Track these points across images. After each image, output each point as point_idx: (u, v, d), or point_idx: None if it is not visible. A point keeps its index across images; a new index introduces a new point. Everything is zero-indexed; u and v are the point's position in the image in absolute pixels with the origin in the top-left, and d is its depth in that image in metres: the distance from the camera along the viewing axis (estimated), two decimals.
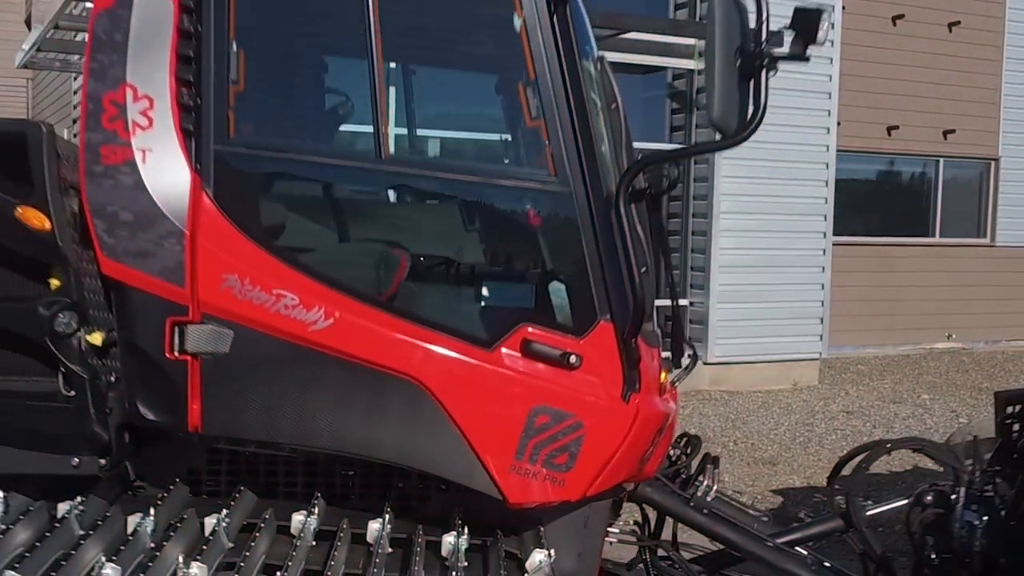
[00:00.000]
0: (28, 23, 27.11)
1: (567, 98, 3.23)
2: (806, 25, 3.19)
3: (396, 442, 3.33)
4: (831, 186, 12.99)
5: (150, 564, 3.09)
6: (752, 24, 3.24)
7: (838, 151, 14.09)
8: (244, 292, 3.22)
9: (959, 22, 16.81)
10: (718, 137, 3.32)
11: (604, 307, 3.28)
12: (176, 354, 3.24)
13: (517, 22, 3.27)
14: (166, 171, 3.22)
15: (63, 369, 3.32)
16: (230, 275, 3.22)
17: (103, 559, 3.08)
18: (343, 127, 3.99)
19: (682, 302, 12.28)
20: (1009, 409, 5.49)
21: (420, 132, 4.09)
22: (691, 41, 11.53)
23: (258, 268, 3.23)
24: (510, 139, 3.92)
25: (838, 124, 14.76)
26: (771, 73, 3.23)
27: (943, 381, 13.90)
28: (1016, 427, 5.36)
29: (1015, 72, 17.27)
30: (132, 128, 3.21)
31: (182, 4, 3.24)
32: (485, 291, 3.54)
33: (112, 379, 3.39)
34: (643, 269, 3.37)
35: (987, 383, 13.93)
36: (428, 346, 3.24)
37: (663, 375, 3.71)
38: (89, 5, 10.27)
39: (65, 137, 8.49)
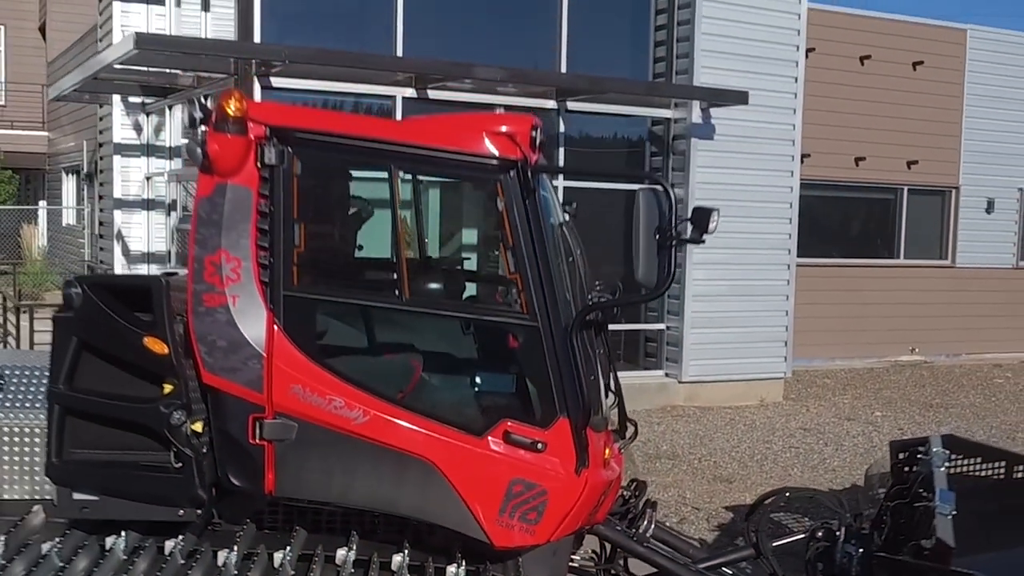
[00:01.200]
0: (43, 31, 28.20)
1: (535, 261, 4.48)
2: (702, 220, 4.43)
3: (413, 502, 4.61)
4: (794, 222, 14.22)
5: None
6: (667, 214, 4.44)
7: (804, 181, 15.37)
8: (305, 397, 4.49)
9: (922, 61, 18.03)
10: (643, 292, 4.56)
11: (562, 408, 4.55)
12: (256, 440, 4.52)
13: (500, 204, 4.53)
14: (249, 311, 4.48)
15: (174, 448, 4.59)
16: (295, 385, 4.49)
17: None
18: (373, 277, 5.26)
19: (659, 326, 13.59)
20: (900, 455, 6.81)
21: (430, 280, 5.34)
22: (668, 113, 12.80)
23: (315, 379, 4.50)
24: (497, 286, 5.17)
25: (807, 156, 16.08)
26: (679, 251, 4.45)
27: (899, 396, 15.18)
28: (906, 469, 6.68)
29: (974, 107, 18.48)
30: (225, 281, 4.48)
31: (259, 192, 4.50)
32: (477, 395, 4.82)
33: (206, 454, 4.66)
34: (591, 378, 4.64)
35: (938, 399, 15.24)
36: (436, 435, 4.51)
37: (607, 451, 4.96)
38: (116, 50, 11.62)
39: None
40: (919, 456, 6.47)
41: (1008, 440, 12.59)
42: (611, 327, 5.25)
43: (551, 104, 12.45)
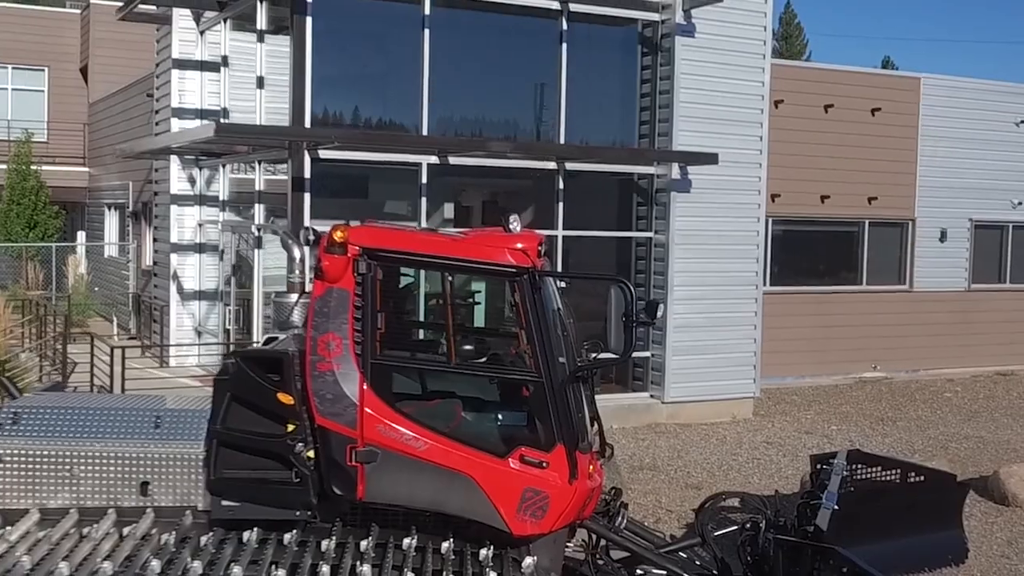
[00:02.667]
0: (84, 72, 30.29)
1: (541, 336, 6.57)
2: (652, 309, 6.53)
3: (457, 504, 6.68)
4: (761, 260, 16.30)
5: (340, 567, 6.44)
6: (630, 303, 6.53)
7: (776, 218, 17.49)
8: (385, 432, 6.57)
9: (880, 108, 20.12)
10: (614, 356, 6.66)
11: (559, 437, 6.61)
12: (352, 462, 6.60)
13: (517, 297, 6.63)
14: (348, 374, 6.57)
15: (295, 469, 6.68)
16: (379, 424, 6.58)
17: (322, 565, 6.43)
18: (429, 348, 7.35)
19: (645, 354, 15.64)
20: (817, 466, 8.94)
21: (468, 349, 7.39)
22: (651, 169, 14.90)
23: (391, 419, 6.58)
24: (516, 353, 7.24)
25: (777, 196, 18.23)
26: (639, 329, 6.53)
27: (856, 411, 17.26)
28: (823, 471, 8.78)
29: (927, 147, 20.57)
30: (332, 353, 6.56)
31: (355, 293, 6.59)
32: (500, 429, 6.92)
33: (316, 473, 6.73)
34: (579, 415, 6.74)
35: (891, 412, 17.33)
36: (473, 458, 6.59)
37: (591, 467, 7.04)
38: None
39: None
40: (824, 464, 8.60)
41: (940, 448, 14.70)
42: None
43: (552, 165, 14.57)
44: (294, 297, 8.01)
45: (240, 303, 15.77)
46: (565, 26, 14.56)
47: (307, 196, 12.95)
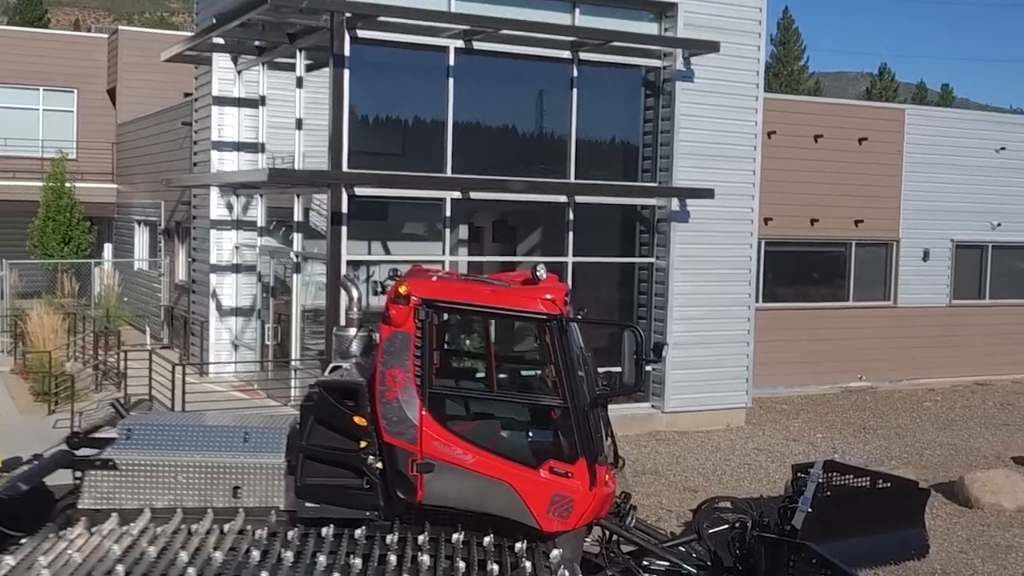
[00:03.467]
0: (111, 94, 31.86)
1: (567, 370, 8.12)
2: (658, 349, 8.11)
3: (498, 505, 8.22)
4: (753, 283, 17.85)
5: (403, 557, 8.00)
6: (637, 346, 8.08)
7: (768, 239, 19.05)
8: (441, 447, 8.12)
9: (867, 137, 21.70)
10: (627, 388, 8.22)
11: (581, 452, 8.16)
12: (413, 472, 8.15)
13: (547, 339, 8.19)
14: (410, 401, 8.11)
15: (366, 477, 8.23)
16: (435, 441, 8.13)
17: (389, 555, 7.98)
18: (475, 378, 8.91)
19: (647, 368, 17.16)
20: (798, 474, 10.52)
21: (506, 379, 8.94)
22: (653, 201, 16.47)
23: (446, 438, 8.13)
24: (547, 385, 8.78)
25: (769, 220, 19.77)
26: (645, 365, 8.07)
27: (840, 420, 18.82)
28: (802, 479, 10.36)
29: (911, 173, 22.15)
30: (397, 384, 8.12)
31: (415, 335, 8.14)
32: (533, 445, 8.48)
33: (383, 480, 8.28)
34: (597, 435, 8.30)
35: (872, 421, 18.89)
36: (512, 469, 8.14)
37: (607, 476, 8.59)
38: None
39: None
40: (802, 472, 10.18)
41: (916, 455, 16.26)
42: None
43: (563, 199, 16.13)
44: (352, 331, 9.54)
45: (278, 321, 17.32)
46: (575, 73, 16.13)
47: (344, 228, 14.50)
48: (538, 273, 8.56)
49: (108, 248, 29.82)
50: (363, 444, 8.28)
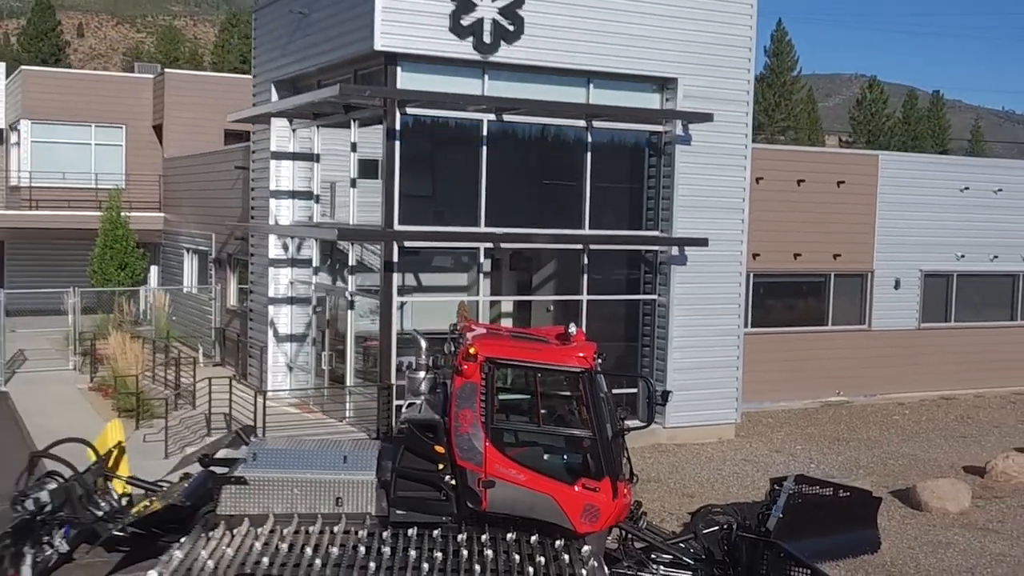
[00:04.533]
0: (156, 129, 34.38)
1: (596, 411, 10.68)
2: (665, 397, 10.69)
3: (543, 512, 10.77)
4: (741, 316, 20.40)
5: (472, 551, 10.57)
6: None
7: (756, 272, 21.58)
8: (500, 468, 10.66)
9: (844, 180, 24.22)
10: (642, 424, 10.80)
11: (607, 472, 10.73)
12: (479, 488, 10.72)
13: (579, 388, 10.75)
14: (476, 434, 10.63)
15: (443, 490, 10.79)
16: (496, 464, 10.67)
17: (462, 550, 10.55)
18: (524, 415, 11.46)
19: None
20: (774, 485, 13.08)
21: (549, 415, 11.47)
22: (656, 237, 19.06)
23: (503, 462, 10.68)
24: (579, 421, 11.31)
25: (757, 255, 22.28)
26: (662, 406, 10.65)
27: (818, 432, 21.37)
28: (777, 490, 12.90)
29: (884, 211, 24.65)
30: (466, 422, 10.67)
31: (480, 384, 10.69)
32: (568, 467, 11.03)
33: (456, 492, 10.83)
34: (619, 458, 10.87)
35: (847, 433, 21.42)
36: (555, 485, 10.71)
37: (625, 489, 11.14)
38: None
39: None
40: (777, 485, 12.74)
41: (880, 464, 18.80)
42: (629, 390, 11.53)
43: (579, 246, 18.68)
44: (422, 374, 12.10)
45: (333, 348, 19.87)
46: (589, 138, 18.69)
47: (395, 275, 17.07)
48: (570, 330, 11.14)
49: (155, 270, 32.37)
50: (441, 467, 10.84)
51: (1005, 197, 26.04)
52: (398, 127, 16.97)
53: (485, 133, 17.83)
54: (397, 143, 16.94)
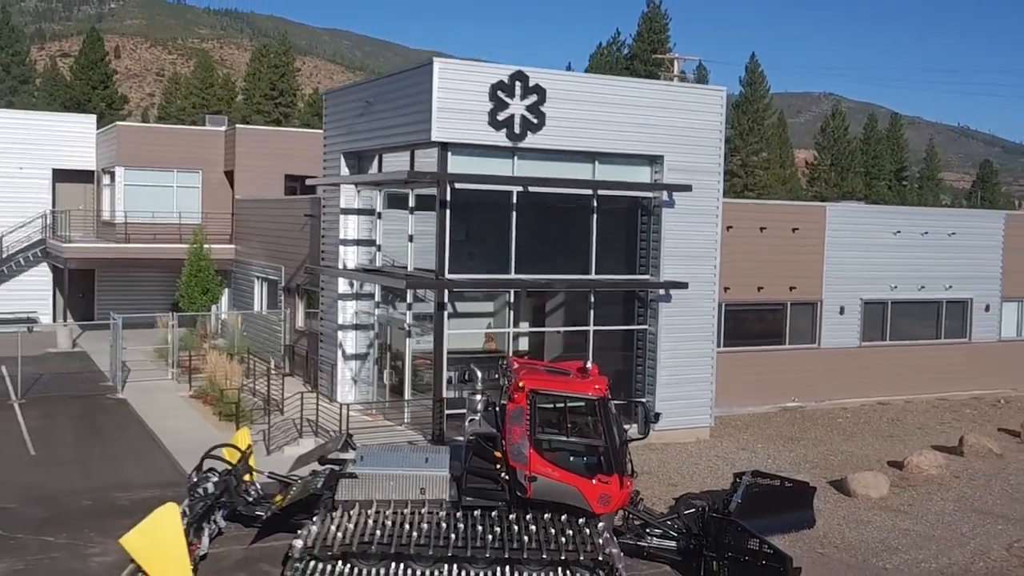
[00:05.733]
0: (228, 174, 37.45)
1: (608, 425, 13.83)
2: (657, 416, 13.92)
3: (570, 499, 13.93)
4: (714, 340, 23.50)
5: (518, 525, 13.75)
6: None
7: (727, 302, 24.70)
8: (540, 468, 13.81)
9: (798, 228, 27.38)
10: (640, 436, 14.02)
11: (616, 469, 13.89)
12: (526, 482, 13.89)
13: (596, 409, 13.93)
14: (524, 443, 13.83)
15: (500, 483, 13.96)
16: (537, 465, 13.85)
17: (514, 524, 13.72)
18: (555, 428, 14.60)
19: (644, 399, 22.84)
20: (735, 478, 16.28)
21: (574, 428, 14.60)
22: (647, 280, 22.22)
23: (542, 463, 13.83)
24: (596, 433, 14.43)
25: (728, 288, 25.40)
26: (654, 423, 13.85)
27: (776, 433, 24.50)
28: (738, 482, 16.09)
29: (830, 251, 27.73)
30: (516, 435, 13.84)
31: (526, 408, 13.85)
32: (588, 465, 14.16)
33: (509, 483, 13.99)
34: (624, 460, 14.05)
35: (799, 434, 24.55)
36: (578, 480, 13.87)
37: (629, 482, 14.31)
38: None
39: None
40: (738, 479, 15.92)
41: (823, 460, 21.90)
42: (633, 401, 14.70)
43: (587, 288, 21.83)
44: (478, 398, 15.29)
45: (393, 367, 23.00)
46: (595, 204, 21.83)
47: (445, 313, 20.21)
48: (587, 366, 14.34)
49: (227, 293, 35.48)
50: (498, 466, 14.02)
51: (930, 239, 29.20)
52: (448, 198, 20.10)
53: (515, 201, 20.96)
54: (448, 211, 20.08)
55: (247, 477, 16.19)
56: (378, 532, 13.63)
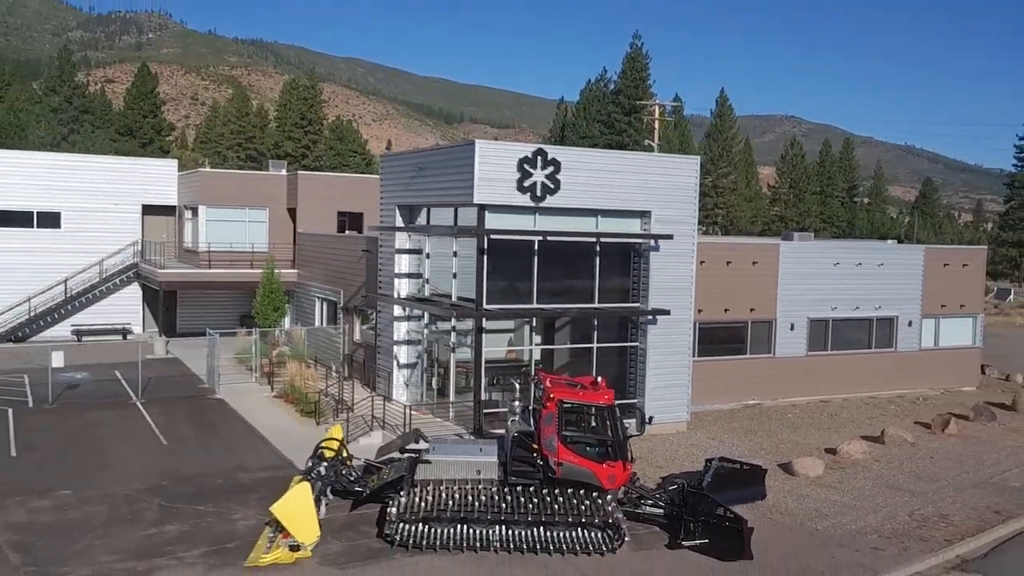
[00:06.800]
0: (290, 212, 40.73)
1: (614, 423, 17.23)
2: (649, 418, 17.35)
3: (586, 478, 17.33)
4: (690, 354, 26.89)
5: (549, 497, 17.17)
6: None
7: (700, 321, 28.14)
8: (565, 456, 17.25)
9: (757, 262, 30.77)
10: (636, 433, 17.47)
11: (620, 457, 17.31)
12: (555, 466, 17.29)
13: (605, 414, 17.35)
14: (553, 438, 17.23)
15: (535, 467, 17.36)
16: (563, 454, 17.26)
17: (546, 496, 17.14)
18: (577, 427, 17.98)
19: (635, 400, 26.22)
20: (706, 461, 19.72)
21: (591, 427, 17.96)
22: (638, 308, 25.64)
23: (567, 453, 17.24)
24: (605, 430, 17.80)
25: (701, 310, 28.80)
26: (647, 424, 17.29)
27: (739, 426, 27.88)
28: (708, 465, 19.52)
29: (783, 280, 31.01)
30: (548, 431, 17.24)
31: (556, 413, 17.26)
32: (599, 455, 17.55)
33: (543, 467, 17.38)
34: (626, 450, 17.46)
35: (756, 426, 27.93)
36: (593, 464, 17.27)
37: (629, 466, 17.70)
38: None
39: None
40: (709, 463, 19.35)
41: (775, 448, 25.27)
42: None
43: (592, 315, 25.22)
44: (517, 403, 18.72)
45: (439, 375, 26.34)
46: (598, 249, 25.23)
47: (483, 335, 23.59)
48: (598, 380, 17.78)
49: (290, 309, 38.77)
50: (535, 455, 17.42)
51: (863, 268, 32.57)
52: (485, 247, 23.48)
53: (536, 248, 24.35)
54: (485, 257, 23.46)
55: (347, 463, 19.54)
56: (448, 502, 17.03)
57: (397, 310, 27.61)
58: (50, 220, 40.08)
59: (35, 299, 39.18)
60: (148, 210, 42.32)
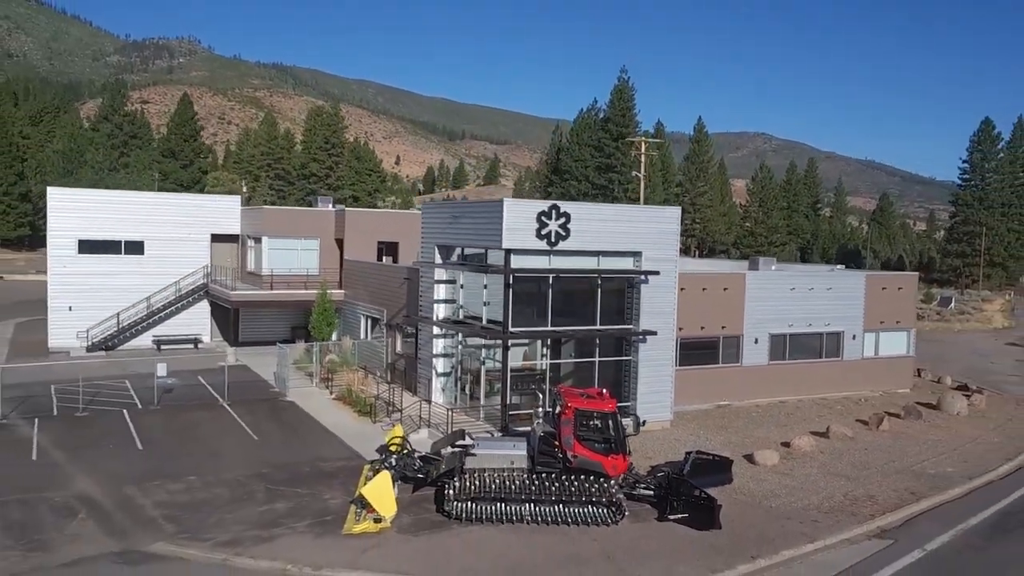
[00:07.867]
0: (338, 241, 44.12)
1: (616, 428, 20.73)
2: (643, 423, 20.87)
3: (596, 467, 20.84)
4: (673, 363, 30.40)
5: (566, 481, 20.69)
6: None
7: (681, 336, 31.69)
8: (581, 450, 20.78)
9: (728, 288, 34.23)
10: (633, 433, 21.02)
11: (621, 451, 20.83)
12: (572, 458, 20.81)
13: (609, 419, 20.87)
14: (571, 437, 20.71)
15: (557, 459, 20.87)
16: (579, 449, 20.78)
17: (564, 479, 20.69)
18: (590, 430, 21.47)
19: (629, 403, 29.75)
20: (686, 454, 23.29)
21: (603, 428, 21.48)
22: (631, 329, 29.17)
23: (581, 448, 20.77)
24: (610, 430, 21.28)
25: (681, 328, 32.33)
26: (639, 425, 20.82)
27: (714, 424, 31.32)
28: (688, 457, 23.06)
29: (749, 302, 34.45)
30: (566, 432, 20.76)
31: (573, 418, 20.78)
32: (607, 449, 21.06)
33: (564, 460, 20.87)
34: (626, 445, 20.98)
35: (728, 423, 31.35)
36: (601, 456, 20.79)
37: (628, 458, 21.21)
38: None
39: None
40: (688, 455, 22.89)
41: (741, 441, 28.75)
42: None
43: (595, 335, 28.74)
44: (540, 410, 22.26)
45: (471, 382, 29.78)
46: (600, 282, 28.75)
47: (509, 351, 27.10)
48: (603, 392, 21.34)
49: (338, 324, 42.18)
50: (556, 449, 20.94)
51: (815, 292, 36.00)
52: (510, 282, 26.98)
53: (550, 282, 27.88)
54: (510, 290, 26.95)
55: (411, 455, 23.00)
56: (491, 485, 20.54)
57: (436, 329, 31.10)
58: (135, 248, 43.45)
59: (123, 314, 42.56)
60: (216, 238, 45.65)
